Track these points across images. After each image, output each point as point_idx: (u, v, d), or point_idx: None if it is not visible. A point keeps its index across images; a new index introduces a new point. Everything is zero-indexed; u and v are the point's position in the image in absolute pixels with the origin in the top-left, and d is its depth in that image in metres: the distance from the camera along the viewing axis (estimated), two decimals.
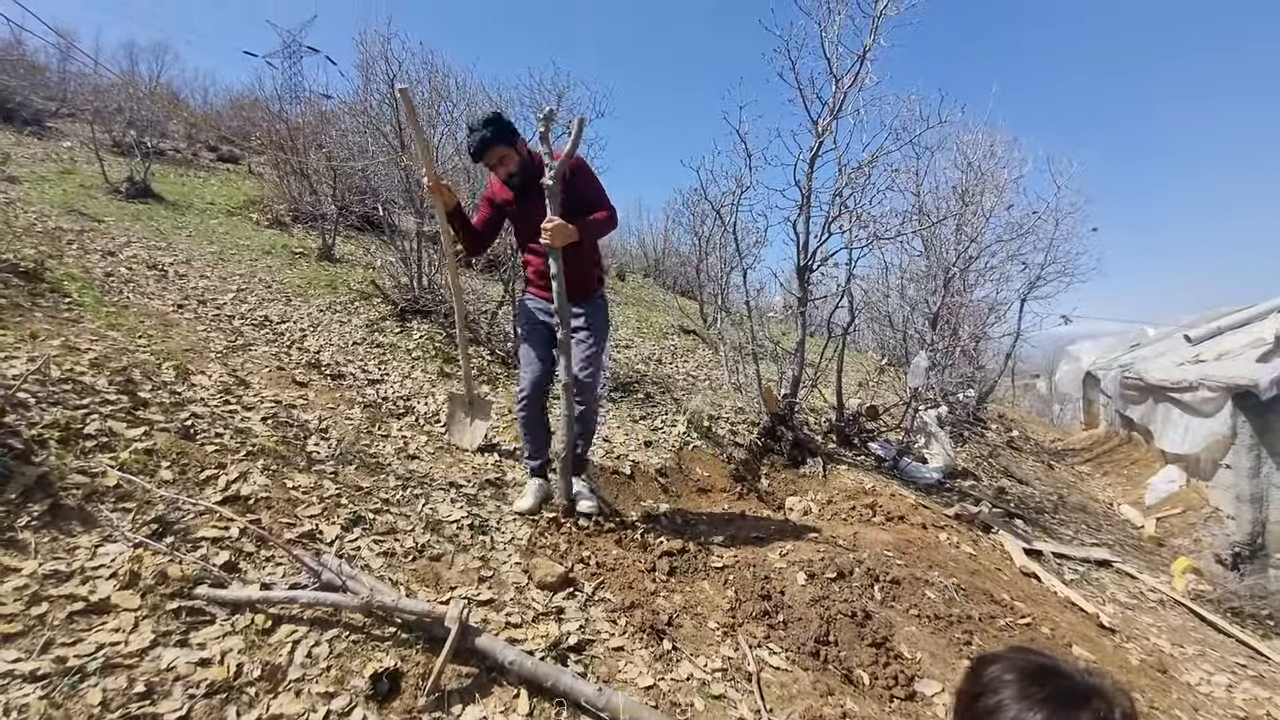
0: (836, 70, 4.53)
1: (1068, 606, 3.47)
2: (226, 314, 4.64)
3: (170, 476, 2.23)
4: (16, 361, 2.57)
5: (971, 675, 0.80)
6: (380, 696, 1.62)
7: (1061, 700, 0.70)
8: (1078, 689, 0.71)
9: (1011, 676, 0.74)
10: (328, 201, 8.02)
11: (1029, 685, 0.72)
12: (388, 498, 2.68)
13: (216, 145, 14.06)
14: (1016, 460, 7.98)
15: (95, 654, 1.48)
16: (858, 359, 10.64)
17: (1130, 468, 8.16)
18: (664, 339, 8.51)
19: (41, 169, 8.07)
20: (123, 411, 2.50)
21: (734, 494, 4.11)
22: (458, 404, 3.67)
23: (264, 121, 9.88)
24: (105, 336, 3.26)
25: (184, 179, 10.38)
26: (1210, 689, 2.95)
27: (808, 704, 1.99)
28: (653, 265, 16.75)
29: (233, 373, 3.43)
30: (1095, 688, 0.72)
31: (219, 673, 1.54)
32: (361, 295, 6.09)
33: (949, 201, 7.21)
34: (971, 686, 0.78)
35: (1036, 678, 0.73)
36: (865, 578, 2.82)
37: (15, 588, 1.59)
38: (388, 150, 6.38)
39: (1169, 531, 5.92)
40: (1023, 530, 4.73)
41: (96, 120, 9.42)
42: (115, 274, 4.68)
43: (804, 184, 4.78)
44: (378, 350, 4.86)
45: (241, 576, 1.90)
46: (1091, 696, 0.70)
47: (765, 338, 5.79)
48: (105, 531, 1.87)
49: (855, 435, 5.62)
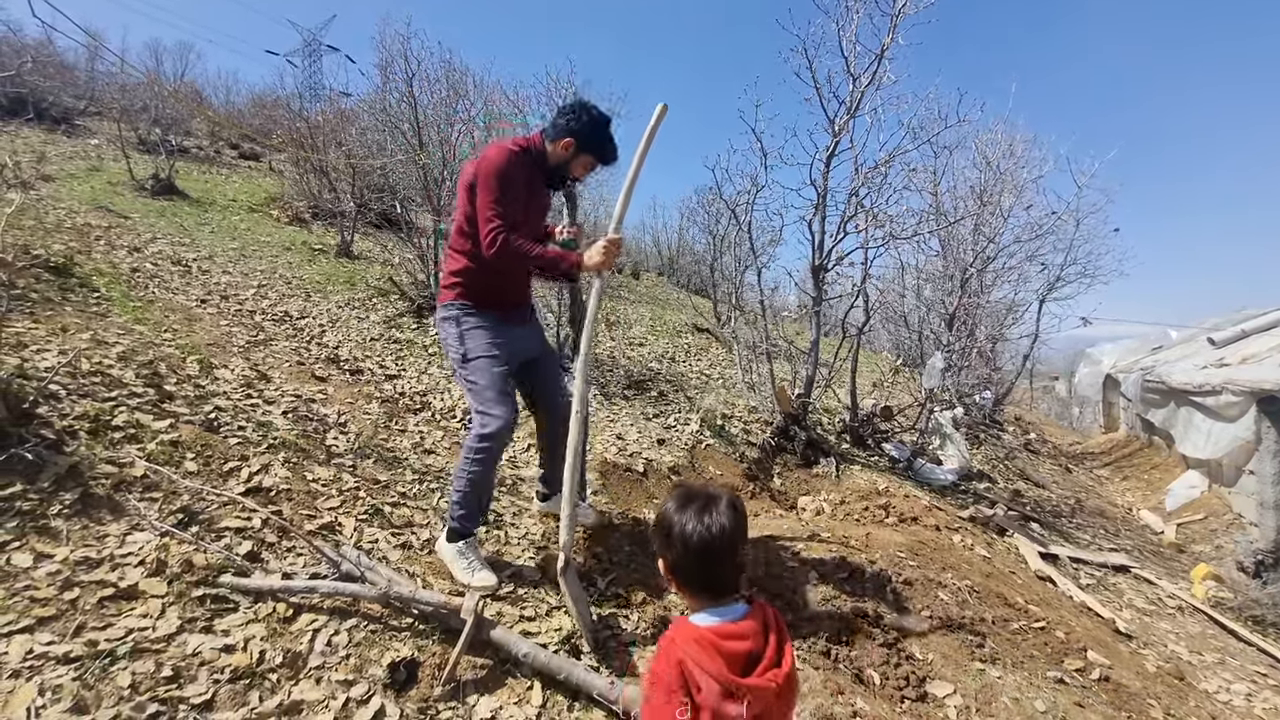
0: (854, 69, 4.51)
1: (1083, 611, 3.43)
2: (248, 309, 4.73)
3: (195, 468, 2.29)
4: (48, 354, 2.65)
5: (659, 516, 1.18)
6: (398, 685, 1.66)
7: (689, 499, 1.13)
8: (699, 493, 1.14)
9: (670, 501, 1.16)
10: (347, 199, 8.12)
11: (677, 499, 1.15)
12: (405, 491, 2.73)
13: (238, 143, 14.28)
14: (1033, 463, 7.89)
15: (125, 638, 1.53)
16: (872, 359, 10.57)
17: (1150, 472, 8.02)
18: (677, 337, 8.52)
19: (70, 166, 8.25)
20: (149, 404, 2.57)
21: (747, 493, 4.12)
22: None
23: (285, 120, 10.01)
24: (132, 330, 3.34)
25: (207, 176, 10.56)
26: (1229, 697, 2.91)
27: (818, 702, 2.00)
28: (667, 263, 16.75)
29: (254, 367, 3.50)
30: (711, 493, 1.13)
31: (242, 659, 1.58)
32: (379, 292, 6.17)
33: (967, 201, 7.14)
34: (658, 524, 1.18)
35: (680, 494, 1.15)
36: (877, 578, 2.81)
37: (49, 573, 1.65)
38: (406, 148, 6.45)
39: (1189, 538, 5.82)
40: (1038, 534, 4.68)
41: (123, 118, 9.59)
42: (141, 269, 4.79)
43: (820, 183, 4.77)
44: (395, 346, 4.93)
45: (264, 566, 1.95)
46: (708, 497, 1.12)
47: (779, 337, 5.77)
48: (133, 520, 1.93)
49: (869, 436, 5.59)
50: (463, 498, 2.20)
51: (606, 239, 2.15)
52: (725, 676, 1.00)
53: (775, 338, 5.67)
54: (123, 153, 8.46)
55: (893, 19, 4.32)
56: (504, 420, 2.17)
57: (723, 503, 1.11)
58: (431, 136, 6.27)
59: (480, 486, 2.23)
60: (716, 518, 1.08)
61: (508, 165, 2.18)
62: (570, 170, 2.40)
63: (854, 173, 4.76)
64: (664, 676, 1.05)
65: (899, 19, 4.30)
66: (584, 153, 2.34)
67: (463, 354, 2.26)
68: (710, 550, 1.07)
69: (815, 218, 4.82)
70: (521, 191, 2.23)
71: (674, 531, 1.11)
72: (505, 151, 2.21)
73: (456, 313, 2.30)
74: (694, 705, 1.02)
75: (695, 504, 1.11)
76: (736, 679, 1.00)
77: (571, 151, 2.31)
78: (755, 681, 1.01)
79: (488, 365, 2.24)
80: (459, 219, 2.31)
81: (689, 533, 1.08)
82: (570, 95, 6.50)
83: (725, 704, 1.00)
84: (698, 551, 1.08)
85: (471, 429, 2.21)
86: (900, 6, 4.29)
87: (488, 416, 2.17)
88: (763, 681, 1.01)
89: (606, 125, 2.35)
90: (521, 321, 2.48)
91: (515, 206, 2.20)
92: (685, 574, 1.12)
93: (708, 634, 1.05)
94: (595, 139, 2.32)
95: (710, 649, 1.03)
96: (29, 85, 10.19)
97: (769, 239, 6.35)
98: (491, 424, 2.16)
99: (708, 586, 1.11)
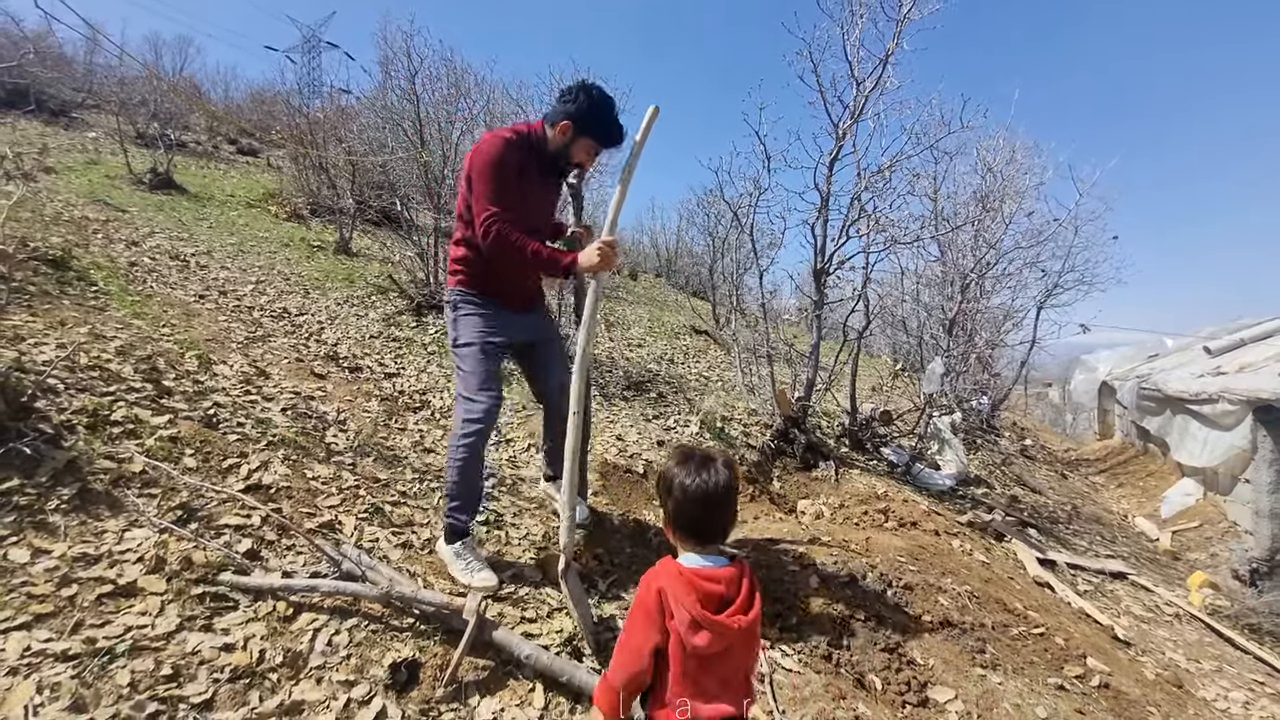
0: (858, 73, 4.52)
1: (1081, 618, 3.43)
2: (246, 305, 4.70)
3: (194, 464, 2.27)
4: (46, 348, 2.62)
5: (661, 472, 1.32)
6: (399, 686, 1.64)
7: (687, 457, 1.27)
8: (697, 452, 1.27)
9: (671, 459, 1.30)
10: (346, 196, 8.09)
11: (677, 457, 1.28)
12: (405, 490, 2.71)
13: (236, 138, 14.23)
14: (1030, 469, 7.91)
15: (123, 636, 1.51)
16: (870, 363, 10.58)
17: (1146, 480, 8.06)
18: (676, 338, 8.51)
19: (67, 159, 8.20)
20: (148, 399, 2.54)
21: (746, 495, 4.11)
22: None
23: (284, 116, 9.97)
24: (130, 325, 3.32)
25: (205, 171, 10.51)
26: (1227, 705, 2.92)
27: (820, 706, 1.99)
28: (665, 265, 16.74)
29: (253, 363, 3.48)
30: (708, 453, 1.27)
31: (242, 658, 1.56)
32: (378, 289, 6.15)
33: (969, 207, 7.15)
34: (661, 478, 1.31)
35: (680, 453, 1.29)
36: (878, 583, 2.81)
37: (46, 569, 1.63)
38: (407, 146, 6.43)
39: (1185, 545, 5.84)
40: (1036, 540, 4.69)
41: (121, 112, 9.53)
42: (139, 263, 4.76)
43: (823, 187, 4.77)
44: (394, 344, 4.91)
45: (263, 564, 1.93)
46: (705, 456, 1.26)
47: (779, 340, 5.77)
48: (132, 516, 1.91)
49: (868, 440, 5.59)
50: (454, 488, 2.19)
51: (601, 241, 2.10)
52: (696, 610, 1.14)
53: (775, 341, 5.66)
54: (121, 146, 8.41)
55: (898, 24, 4.33)
56: (486, 405, 2.16)
57: (718, 462, 1.25)
58: (433, 134, 6.26)
59: (468, 475, 2.20)
60: (711, 474, 1.23)
61: (501, 153, 2.13)
62: (571, 156, 2.29)
63: (857, 177, 4.77)
64: (645, 601, 1.20)
65: (904, 24, 4.31)
66: (583, 136, 2.24)
67: (455, 338, 2.30)
68: (704, 500, 1.22)
69: (818, 221, 4.82)
70: (514, 180, 2.16)
71: (674, 483, 1.25)
72: (500, 139, 2.16)
73: (455, 298, 2.33)
74: (666, 630, 1.18)
75: (693, 461, 1.25)
76: (706, 614, 1.14)
77: (570, 135, 2.22)
78: (721, 619, 1.15)
79: (475, 352, 2.23)
80: (459, 207, 2.28)
81: (686, 484, 1.23)
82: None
83: (692, 634, 1.14)
84: (693, 501, 1.22)
85: (454, 416, 2.22)
86: (905, 12, 4.30)
87: (471, 402, 2.18)
88: (728, 621, 1.15)
89: (608, 107, 2.24)
90: (526, 310, 2.45)
91: (510, 195, 2.14)
92: (679, 521, 1.26)
93: (689, 572, 1.21)
94: (594, 121, 2.22)
95: (687, 584, 1.18)
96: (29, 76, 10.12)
97: (768, 242, 6.36)
98: (474, 409, 2.16)
99: (697, 534, 1.25)
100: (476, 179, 2.13)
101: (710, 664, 1.16)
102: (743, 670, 1.23)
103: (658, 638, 1.18)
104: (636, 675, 1.20)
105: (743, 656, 1.22)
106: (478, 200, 2.12)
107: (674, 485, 1.24)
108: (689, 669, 1.16)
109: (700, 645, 1.14)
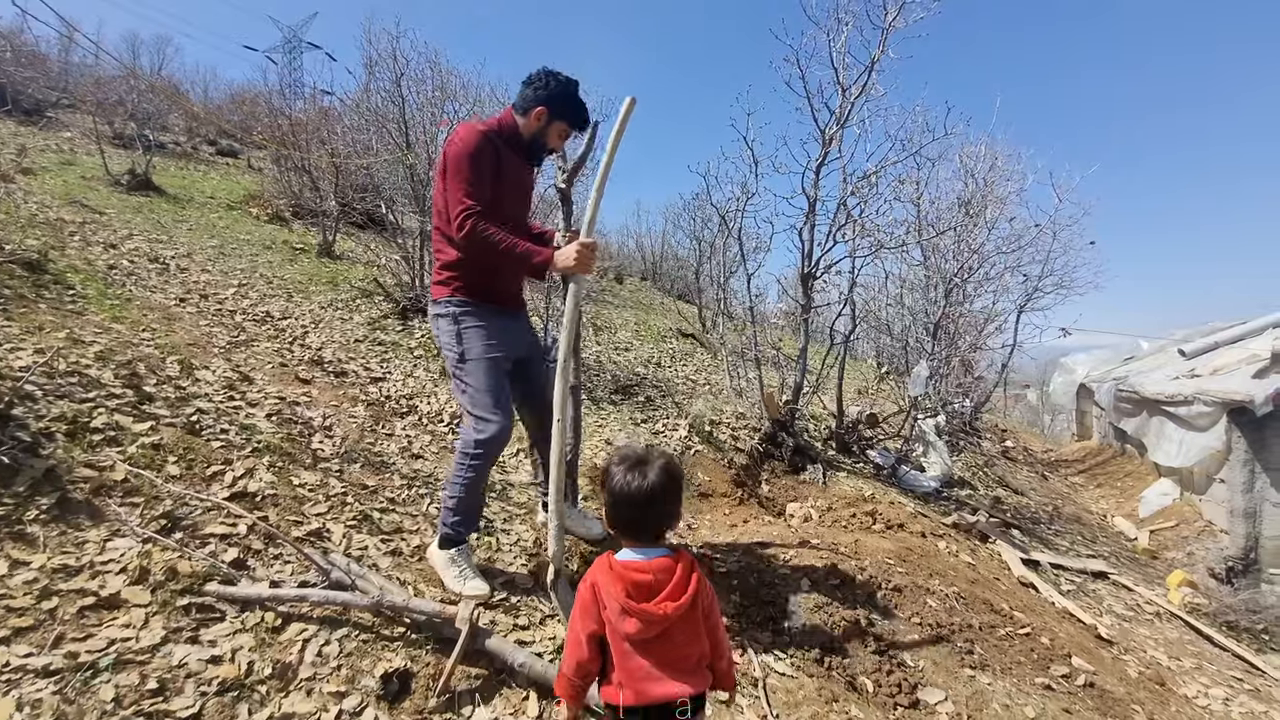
0: (844, 80, 4.57)
1: (1065, 617, 3.49)
2: (228, 309, 4.63)
3: (177, 472, 2.22)
4: (23, 353, 2.56)
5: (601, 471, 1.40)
6: (391, 697, 1.62)
7: (624, 459, 1.34)
8: (633, 454, 1.34)
9: (612, 457, 1.37)
10: (329, 198, 8.00)
11: (616, 457, 1.36)
12: (393, 497, 2.68)
13: (216, 139, 14.02)
14: (1011, 470, 8.02)
15: (107, 650, 1.47)
16: (856, 366, 10.68)
17: (1123, 480, 8.21)
18: (662, 342, 8.52)
19: (43, 159, 8.02)
20: (129, 405, 2.49)
21: (735, 499, 4.12)
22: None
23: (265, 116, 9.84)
24: (109, 329, 3.25)
25: (184, 172, 10.34)
26: (1208, 702, 2.97)
27: (813, 710, 2.00)
28: (651, 268, 16.76)
29: (236, 368, 3.42)
30: (644, 455, 1.34)
31: (230, 670, 1.53)
32: (363, 293, 6.08)
33: (951, 212, 7.25)
34: (601, 477, 1.39)
35: (619, 453, 1.36)
36: (867, 585, 2.83)
37: (25, 581, 1.58)
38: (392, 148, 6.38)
39: (1162, 545, 5.96)
40: (1019, 540, 4.75)
41: (98, 112, 9.36)
42: (118, 266, 4.66)
43: (810, 192, 4.81)
44: (380, 348, 4.86)
45: (250, 574, 1.89)
46: (640, 459, 1.32)
47: (767, 344, 5.80)
48: (114, 526, 1.87)
49: (854, 443, 5.64)
50: (457, 503, 2.14)
51: (580, 242, 2.08)
52: (621, 599, 1.23)
53: (762, 344, 5.69)
54: (98, 146, 8.25)
55: (883, 33, 4.38)
56: (500, 425, 2.11)
57: (653, 464, 1.32)
58: (418, 136, 6.21)
59: (474, 493, 2.17)
60: (643, 475, 1.30)
61: (478, 144, 2.12)
62: (546, 141, 2.33)
63: (842, 182, 4.81)
64: (583, 595, 1.30)
65: (889, 33, 4.36)
66: (557, 120, 2.28)
67: (460, 354, 2.17)
68: (631, 501, 1.30)
69: (805, 226, 4.86)
70: (491, 173, 2.15)
71: (610, 483, 1.34)
72: (475, 133, 2.15)
73: (454, 309, 2.20)
74: (602, 620, 1.27)
75: (627, 463, 1.33)
76: (630, 602, 1.23)
77: (545, 120, 2.26)
78: (646, 606, 1.23)
79: (487, 368, 2.17)
80: (437, 202, 2.24)
81: (616, 485, 1.32)
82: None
83: (622, 621, 1.24)
84: (625, 500, 1.31)
85: (464, 433, 2.15)
86: (890, 21, 4.35)
87: (484, 421, 2.11)
88: (652, 608, 1.22)
89: (576, 89, 2.30)
90: (517, 314, 2.42)
91: (487, 188, 2.13)
92: (615, 518, 1.35)
93: (619, 565, 1.30)
94: (566, 104, 2.28)
95: (615, 577, 1.27)
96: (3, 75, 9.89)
97: (754, 246, 6.39)
98: (487, 429, 2.10)
99: (628, 529, 1.34)
100: (453, 172, 2.12)
101: (647, 648, 1.25)
102: (692, 655, 1.29)
103: (594, 627, 1.27)
104: (583, 663, 1.28)
105: (686, 641, 1.29)
106: (454, 191, 2.10)
107: (610, 485, 1.33)
108: (626, 652, 1.25)
109: (630, 631, 1.23)
